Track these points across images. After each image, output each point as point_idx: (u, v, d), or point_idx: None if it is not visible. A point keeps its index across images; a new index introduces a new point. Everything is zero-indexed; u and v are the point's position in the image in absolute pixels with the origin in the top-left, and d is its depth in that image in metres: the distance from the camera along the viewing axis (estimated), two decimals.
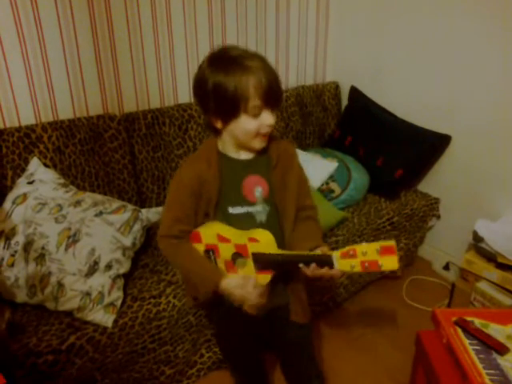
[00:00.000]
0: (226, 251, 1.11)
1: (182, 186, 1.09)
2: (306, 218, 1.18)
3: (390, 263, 0.96)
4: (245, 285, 1.08)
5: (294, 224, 1.15)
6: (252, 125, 1.02)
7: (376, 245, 0.96)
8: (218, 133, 1.10)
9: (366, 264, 0.98)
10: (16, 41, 1.62)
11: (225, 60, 1.02)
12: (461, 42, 1.99)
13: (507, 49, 1.84)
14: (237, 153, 1.11)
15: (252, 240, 1.07)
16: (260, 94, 0.99)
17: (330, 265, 1.02)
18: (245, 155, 1.11)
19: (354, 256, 0.98)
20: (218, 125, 1.06)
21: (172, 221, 1.12)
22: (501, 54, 1.87)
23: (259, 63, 1.00)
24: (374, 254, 0.97)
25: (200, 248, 1.13)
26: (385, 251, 0.96)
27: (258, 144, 1.06)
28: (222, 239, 1.09)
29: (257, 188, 1.11)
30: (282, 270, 1.11)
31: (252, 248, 1.08)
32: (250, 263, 1.10)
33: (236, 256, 1.10)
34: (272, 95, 1.00)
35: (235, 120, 1.03)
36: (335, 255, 1.01)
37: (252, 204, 1.10)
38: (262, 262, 1.09)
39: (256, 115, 1.01)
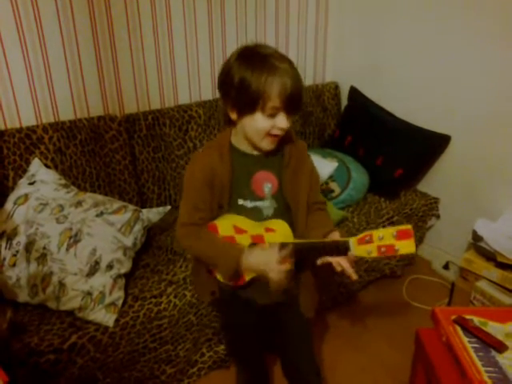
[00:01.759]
0: (242, 242, 1.11)
1: (195, 178, 1.11)
2: (317, 209, 1.21)
3: (407, 247, 0.97)
4: (268, 258, 1.06)
5: (306, 219, 1.16)
6: (264, 124, 1.03)
7: (392, 229, 0.98)
8: (232, 124, 1.11)
9: (383, 249, 0.98)
10: (17, 42, 1.63)
11: (255, 57, 1.03)
12: (459, 42, 2.00)
13: (506, 48, 1.85)
14: (250, 148, 1.12)
15: (269, 230, 1.08)
16: (281, 97, 0.99)
17: (346, 251, 1.03)
18: (258, 151, 1.12)
19: (370, 242, 0.99)
20: (233, 116, 1.07)
21: (191, 210, 1.13)
22: (499, 53, 1.87)
23: (287, 66, 1.02)
24: (391, 239, 0.98)
25: None
26: (402, 235, 0.97)
27: (267, 145, 1.07)
28: (239, 230, 1.11)
29: (266, 184, 1.12)
30: (299, 258, 1.11)
31: (269, 238, 1.09)
32: None
33: (253, 246, 1.11)
34: (292, 101, 1.01)
35: (250, 115, 1.04)
36: (352, 241, 1.01)
37: (260, 199, 1.11)
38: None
39: (271, 116, 1.02)
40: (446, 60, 2.07)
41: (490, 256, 1.90)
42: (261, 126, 1.03)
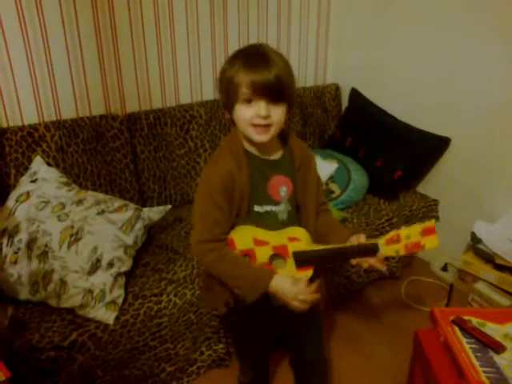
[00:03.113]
0: (263, 254, 1.09)
1: (214, 189, 1.06)
2: (325, 210, 1.22)
3: (432, 242, 1.04)
4: (297, 284, 1.07)
5: (315, 221, 1.17)
6: (245, 114, 1.02)
7: (418, 227, 1.03)
8: (234, 124, 1.10)
9: (410, 246, 1.04)
10: (20, 41, 1.64)
11: (241, 52, 1.04)
12: (460, 45, 2.01)
13: (505, 52, 1.86)
14: (258, 151, 1.11)
15: (292, 239, 1.08)
16: (252, 84, 0.98)
17: (375, 252, 1.05)
18: (272, 155, 1.12)
19: (398, 241, 1.03)
20: (227, 115, 1.08)
21: (212, 224, 1.07)
22: (499, 57, 1.89)
23: (266, 57, 1.00)
24: (417, 236, 1.03)
25: None
26: (426, 232, 1.03)
27: (255, 136, 1.04)
28: (259, 243, 1.08)
29: (282, 188, 1.11)
30: (325, 264, 1.12)
31: (293, 247, 1.08)
32: (291, 262, 1.09)
33: (273, 257, 1.10)
34: (265, 87, 0.99)
35: (234, 110, 1.04)
36: (380, 242, 1.04)
37: (277, 203, 1.11)
38: (305, 259, 1.09)
39: (248, 104, 1.01)
40: (447, 62, 2.08)
41: (488, 258, 1.90)
42: (242, 116, 1.02)
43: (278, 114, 1.03)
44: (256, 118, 1.01)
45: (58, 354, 1.27)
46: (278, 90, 1.00)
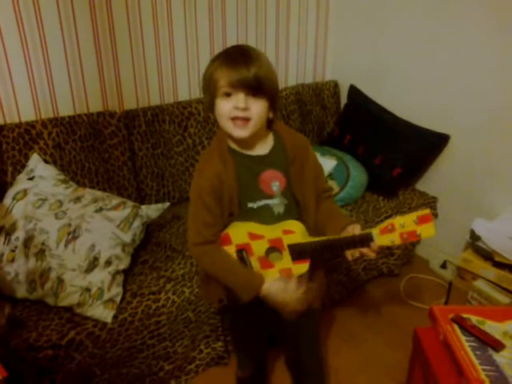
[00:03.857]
0: (259, 248, 1.10)
1: (203, 191, 1.07)
2: (327, 197, 1.21)
3: (428, 231, 1.01)
4: (287, 289, 1.08)
5: (315, 213, 1.16)
6: (224, 107, 1.02)
7: (413, 216, 1.01)
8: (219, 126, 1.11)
9: (405, 235, 1.02)
10: (17, 38, 1.62)
11: (222, 52, 1.05)
12: (459, 42, 2.00)
13: (505, 49, 1.86)
14: (249, 148, 1.10)
15: (287, 232, 1.07)
16: (229, 76, 0.99)
17: (369, 242, 1.04)
18: (259, 150, 1.11)
19: (392, 230, 1.02)
20: (212, 115, 1.08)
21: (202, 227, 1.09)
22: (499, 54, 1.88)
23: (247, 56, 1.01)
24: (412, 225, 1.01)
25: (231, 249, 1.11)
26: (422, 220, 1.00)
27: (235, 131, 1.03)
28: (254, 237, 1.09)
29: (274, 182, 1.10)
30: (320, 257, 1.10)
31: (287, 240, 1.08)
32: (287, 255, 1.09)
33: (270, 251, 1.10)
34: (243, 82, 0.99)
35: (215, 106, 1.04)
36: (375, 232, 1.03)
37: (270, 197, 1.10)
38: (300, 252, 1.08)
39: (227, 98, 1.01)
40: (446, 59, 2.07)
41: (487, 255, 1.90)
42: (220, 110, 1.03)
43: (257, 107, 1.02)
44: (235, 110, 1.01)
45: (56, 353, 1.26)
46: (256, 84, 1.00)
